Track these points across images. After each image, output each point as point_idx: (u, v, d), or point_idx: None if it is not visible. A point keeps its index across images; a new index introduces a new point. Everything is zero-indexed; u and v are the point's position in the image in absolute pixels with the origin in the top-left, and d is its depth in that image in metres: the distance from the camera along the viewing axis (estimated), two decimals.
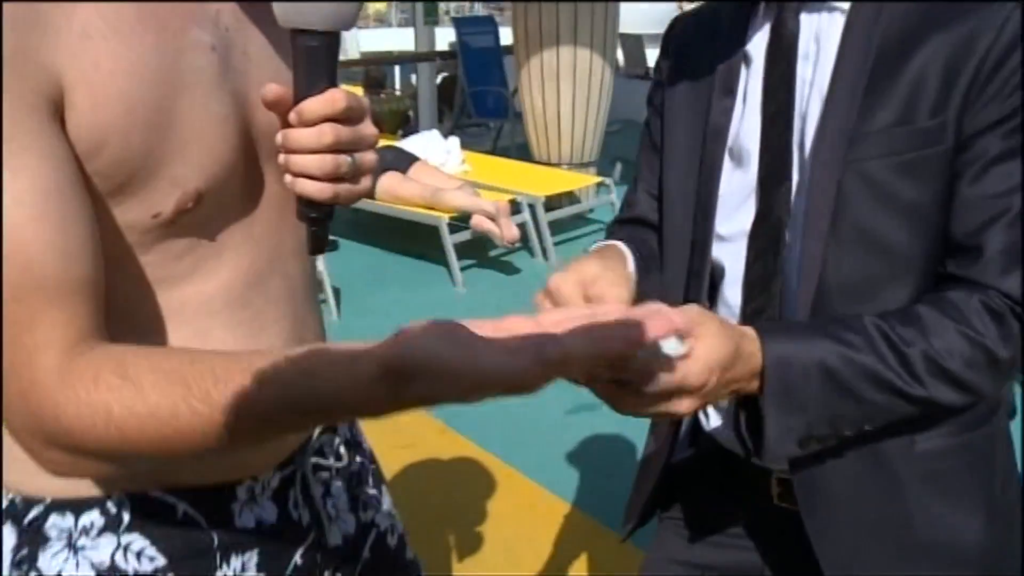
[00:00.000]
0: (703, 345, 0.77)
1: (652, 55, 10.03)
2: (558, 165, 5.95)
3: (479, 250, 5.15)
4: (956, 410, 0.92)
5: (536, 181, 5.37)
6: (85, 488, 0.76)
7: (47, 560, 0.76)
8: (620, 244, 1.06)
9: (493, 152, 6.98)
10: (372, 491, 1.03)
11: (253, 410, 0.60)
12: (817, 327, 0.89)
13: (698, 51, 1.06)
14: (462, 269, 4.81)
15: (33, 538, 0.76)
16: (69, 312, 0.63)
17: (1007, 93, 0.85)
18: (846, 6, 0.93)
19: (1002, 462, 1.02)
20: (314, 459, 0.93)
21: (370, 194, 0.82)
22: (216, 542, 0.81)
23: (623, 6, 6.22)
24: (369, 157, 0.76)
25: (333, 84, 0.71)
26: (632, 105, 8.05)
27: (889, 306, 0.91)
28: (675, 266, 1.08)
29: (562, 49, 5.62)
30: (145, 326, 0.74)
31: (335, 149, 0.72)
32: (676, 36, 1.14)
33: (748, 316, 0.99)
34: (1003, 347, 0.86)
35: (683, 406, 0.78)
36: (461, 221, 4.71)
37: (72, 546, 0.76)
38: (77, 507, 0.77)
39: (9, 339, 0.62)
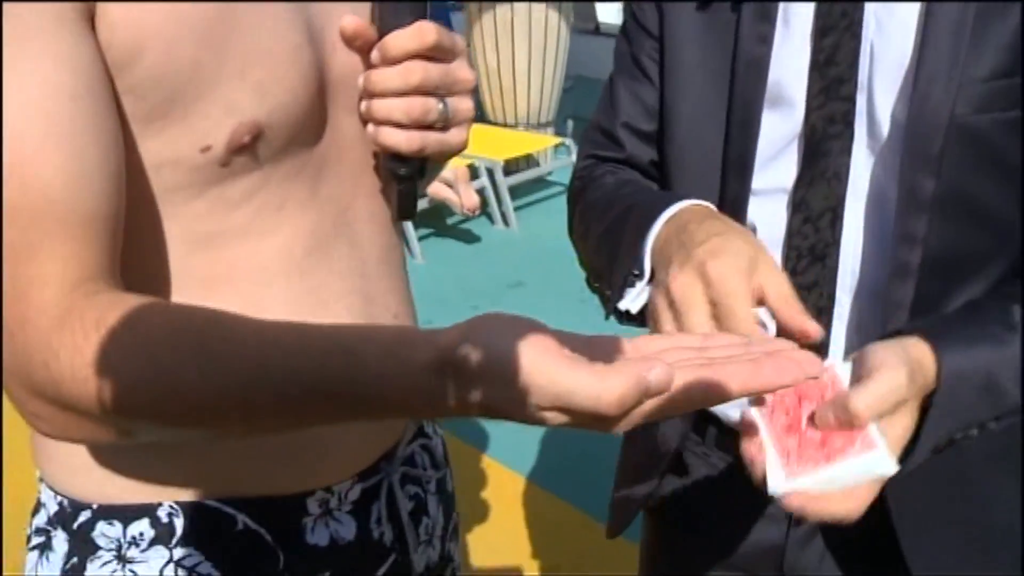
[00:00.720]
0: (896, 428, 0.67)
1: (602, 9, 9.86)
2: (514, 126, 5.74)
3: (436, 218, 4.96)
4: None
5: (494, 144, 5.14)
6: (132, 493, 0.69)
7: (95, 571, 0.69)
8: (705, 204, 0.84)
9: None
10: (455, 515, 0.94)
11: (274, 388, 0.52)
12: (979, 326, 0.77)
13: None
14: (420, 239, 4.63)
15: (82, 546, 0.70)
16: (74, 246, 0.54)
17: None
18: None
19: None
20: (403, 469, 0.82)
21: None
22: (282, 561, 0.72)
23: None
24: (465, 104, 0.68)
25: (422, 19, 0.63)
26: (584, 61, 7.85)
27: (984, 285, 0.83)
28: None
29: (516, 4, 5.37)
30: (185, 293, 0.64)
31: (423, 91, 0.64)
32: None
33: (796, 289, 0.84)
34: None
35: None
36: None
37: (121, 558, 0.69)
38: (125, 515, 0.69)
39: (6, 269, 0.53)
